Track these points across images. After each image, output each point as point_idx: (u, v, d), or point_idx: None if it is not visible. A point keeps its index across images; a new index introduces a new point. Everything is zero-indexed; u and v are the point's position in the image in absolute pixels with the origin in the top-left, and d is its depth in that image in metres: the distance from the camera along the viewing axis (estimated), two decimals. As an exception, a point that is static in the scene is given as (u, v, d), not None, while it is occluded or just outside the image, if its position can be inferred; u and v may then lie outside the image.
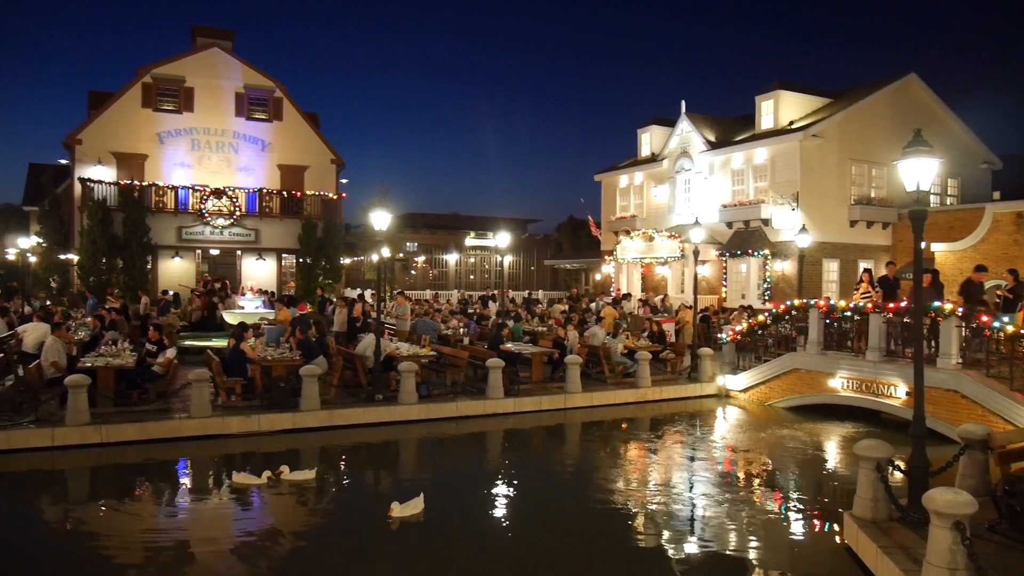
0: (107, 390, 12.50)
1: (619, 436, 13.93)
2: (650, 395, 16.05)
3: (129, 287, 25.82)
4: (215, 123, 30.07)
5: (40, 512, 9.38)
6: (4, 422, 11.49)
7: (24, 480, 10.50)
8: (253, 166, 30.66)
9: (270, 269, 30.63)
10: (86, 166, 27.79)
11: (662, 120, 34.45)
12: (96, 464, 11.10)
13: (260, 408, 12.88)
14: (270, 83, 31.02)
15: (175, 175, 29.12)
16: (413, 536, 8.23)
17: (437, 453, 12.74)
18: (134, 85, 29.10)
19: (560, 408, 14.95)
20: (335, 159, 32.20)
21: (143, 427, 11.85)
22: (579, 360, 15.52)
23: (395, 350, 14.89)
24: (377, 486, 10.71)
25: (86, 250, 25.90)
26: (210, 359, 13.68)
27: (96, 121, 28.60)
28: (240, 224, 28.72)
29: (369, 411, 13.40)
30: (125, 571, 7.31)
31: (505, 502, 9.69)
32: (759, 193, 27.21)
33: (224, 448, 11.81)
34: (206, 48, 30.11)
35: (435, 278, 59.17)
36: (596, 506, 9.44)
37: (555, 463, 12.22)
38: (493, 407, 14.27)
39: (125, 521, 8.84)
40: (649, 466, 11.71)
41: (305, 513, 9.18)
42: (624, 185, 35.27)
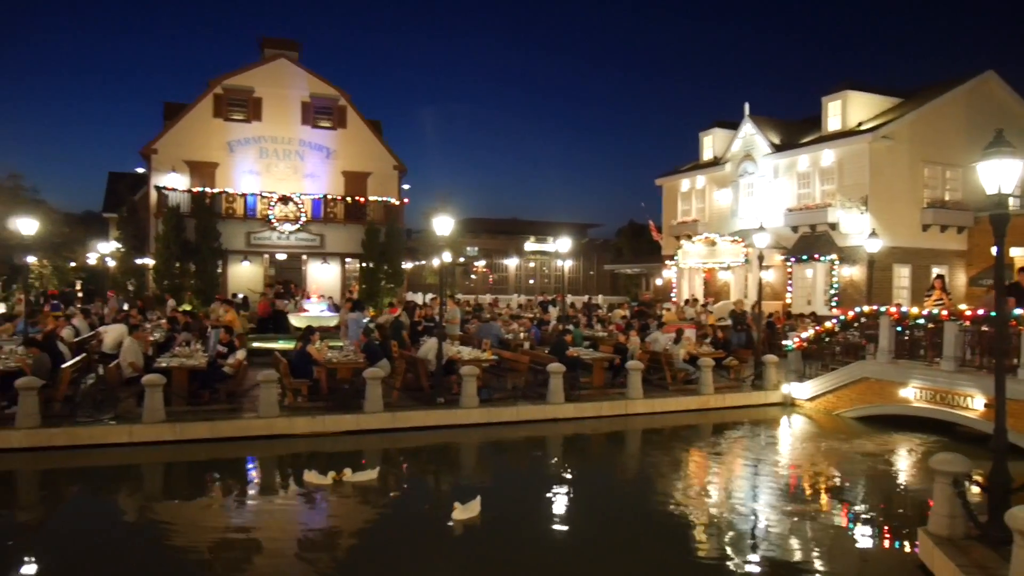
0: (181, 389, 12.95)
1: (681, 443, 13.75)
2: (712, 402, 15.81)
3: (200, 291, 26.70)
4: (282, 132, 30.88)
5: (118, 505, 9.76)
6: (86, 418, 12.02)
7: (104, 474, 10.96)
8: (318, 173, 31.36)
9: (334, 273, 31.27)
10: (161, 174, 28.87)
11: (724, 123, 33.99)
12: (170, 460, 11.49)
13: (325, 409, 13.14)
14: (334, 92, 31.69)
15: (244, 182, 29.99)
16: (470, 539, 8.27)
17: (497, 457, 12.80)
18: (206, 96, 30.12)
19: (621, 414, 14.84)
20: (397, 165, 32.69)
21: (214, 426, 12.23)
22: (640, 366, 15.40)
23: (456, 354, 15.02)
24: (437, 488, 10.81)
25: (161, 255, 26.89)
26: (277, 361, 14.03)
27: (171, 131, 29.69)
28: (306, 229, 29.42)
29: (430, 414, 13.55)
30: (194, 564, 7.55)
31: (563, 508, 9.67)
32: (826, 196, 26.59)
33: (290, 448, 12.09)
34: (274, 59, 30.97)
35: (495, 283, 59.41)
36: (656, 514, 9.34)
37: (615, 470, 12.14)
38: (553, 412, 14.27)
39: (196, 516, 9.13)
40: (711, 475, 11.53)
41: (367, 513, 9.32)
42: (686, 189, 34.88)
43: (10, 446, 11.14)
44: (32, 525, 8.97)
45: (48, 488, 10.72)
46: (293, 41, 32.10)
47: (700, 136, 35.18)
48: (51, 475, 10.95)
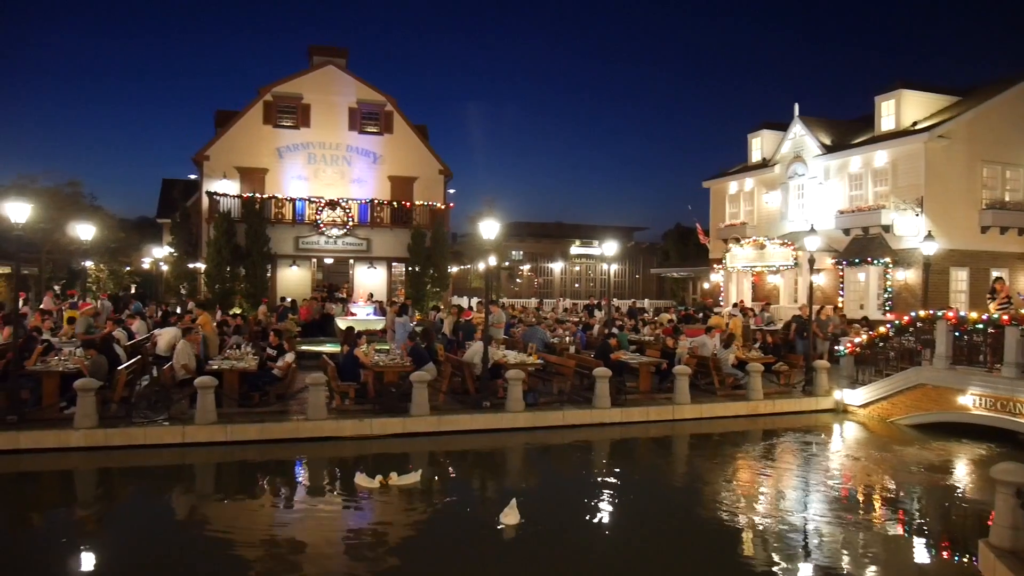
0: (232, 391, 13.19)
1: (729, 450, 13.52)
2: (762, 408, 15.53)
3: (250, 294, 27.19)
4: (330, 137, 31.32)
5: (171, 504, 9.97)
6: (142, 419, 12.33)
7: (158, 474, 11.22)
8: (365, 178, 31.71)
9: (381, 277, 31.56)
10: (213, 180, 29.51)
11: (773, 124, 33.44)
12: (221, 461, 11.71)
13: (372, 412, 13.25)
14: (381, 98, 32.03)
15: (293, 187, 30.49)
16: (515, 543, 8.25)
17: (542, 461, 12.75)
18: (256, 103, 30.71)
19: (668, 419, 14.67)
20: (443, 170, 32.88)
21: (264, 427, 12.43)
22: (688, 371, 15.21)
23: (502, 358, 15.02)
24: (483, 492, 10.81)
25: (212, 259, 27.46)
26: (325, 364, 14.21)
27: (222, 138, 30.34)
28: (353, 234, 29.76)
29: (476, 418, 13.56)
30: (243, 563, 7.65)
31: (609, 513, 9.58)
32: (879, 198, 25.93)
33: (338, 450, 12.21)
34: (322, 66, 31.41)
35: (540, 286, 59.37)
36: (704, 522, 9.20)
37: (662, 476, 12.00)
38: (600, 417, 14.17)
39: (245, 516, 9.28)
40: (761, 482, 11.31)
41: (413, 516, 9.35)
42: (734, 191, 34.40)
43: (69, 445, 11.48)
44: (90, 523, 9.22)
45: (105, 487, 11.02)
46: (341, 48, 32.53)
47: (748, 138, 34.67)
48: (108, 474, 11.26)
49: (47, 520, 9.32)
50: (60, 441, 11.50)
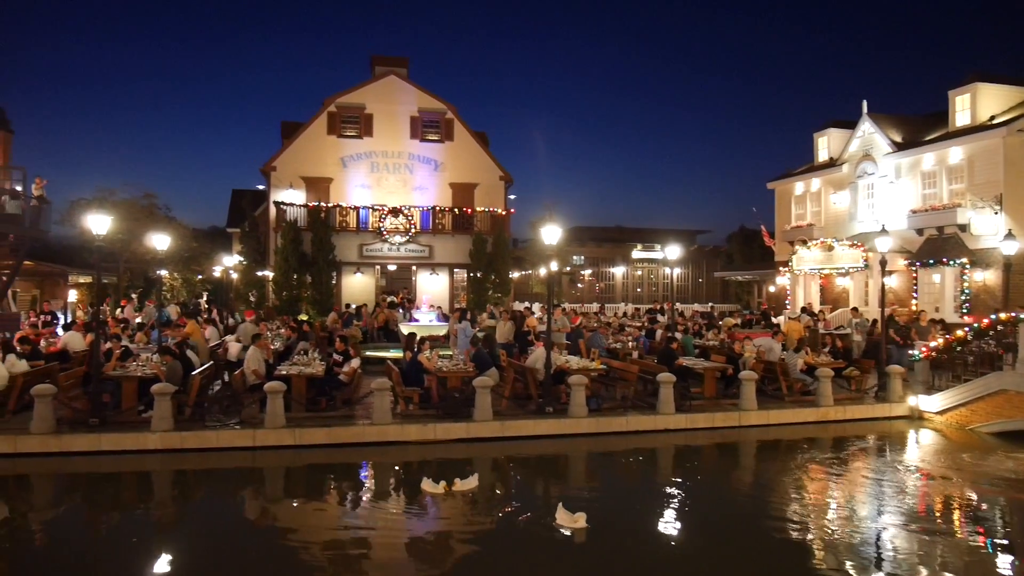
0: (299, 396, 13.48)
1: (798, 457, 13.17)
2: (832, 415, 15.09)
3: (316, 301, 27.77)
4: (392, 146, 31.81)
5: (242, 506, 10.24)
6: (214, 423, 12.71)
7: (230, 476, 11.54)
8: (427, 185, 32.09)
9: (443, 284, 31.87)
10: (280, 190, 30.29)
11: (840, 123, 32.59)
12: (290, 464, 11.96)
13: (436, 417, 13.37)
14: (442, 106, 32.38)
15: (356, 196, 31.06)
16: (576, 549, 8.20)
17: (606, 467, 12.65)
18: (320, 114, 31.42)
19: (734, 426, 14.39)
20: (503, 176, 33.03)
21: (331, 432, 12.66)
22: (754, 376, 14.89)
23: (565, 363, 14.97)
24: (546, 497, 10.78)
25: (279, 267, 28.17)
26: (390, 369, 14.40)
27: (288, 149, 31.13)
28: (415, 241, 30.14)
29: (539, 423, 13.55)
30: (310, 564, 7.81)
31: (673, 521, 9.45)
32: (954, 196, 24.99)
33: (402, 455, 12.35)
34: (384, 76, 31.95)
35: (602, 291, 59.02)
36: (771, 531, 8.97)
37: (727, 483, 11.77)
38: (664, 423, 13.99)
39: (313, 518, 9.47)
40: (831, 491, 10.97)
41: (476, 521, 9.38)
42: (800, 192, 33.63)
43: (147, 448, 11.91)
44: (166, 523, 9.53)
45: (180, 488, 11.38)
46: (402, 58, 33.03)
47: (814, 137, 33.86)
48: (182, 476, 11.63)
49: (125, 519, 9.67)
50: (138, 443, 11.94)
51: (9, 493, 10.73)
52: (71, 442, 11.82)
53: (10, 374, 13.10)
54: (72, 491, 11.03)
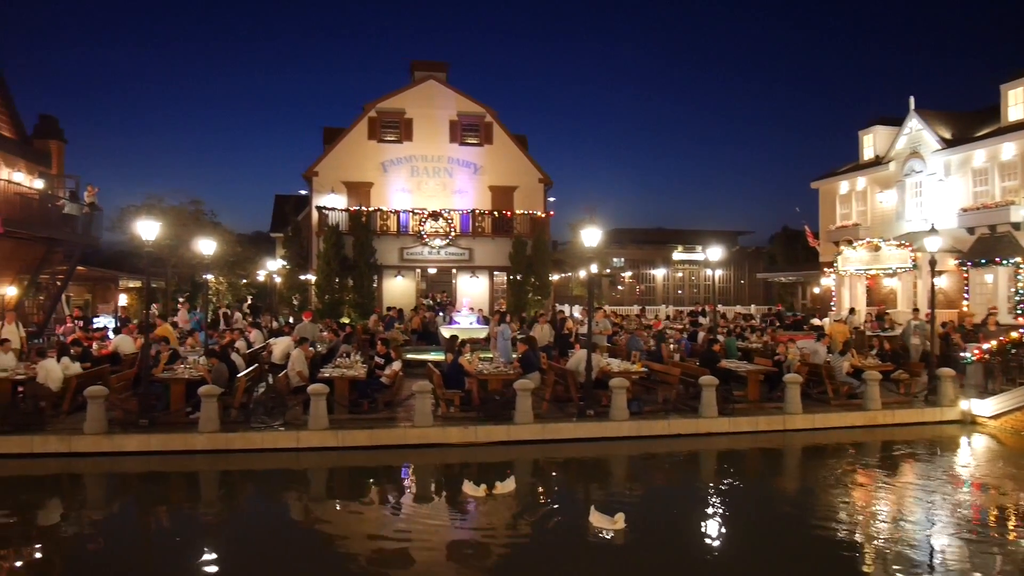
0: (342, 399, 13.63)
1: (845, 462, 12.91)
2: (880, 419, 14.75)
3: (358, 304, 28.04)
4: (432, 150, 32.01)
5: (286, 506, 10.37)
6: (259, 424, 12.92)
7: (274, 476, 11.70)
8: (466, 188, 32.21)
9: (483, 286, 31.94)
10: (322, 195, 30.68)
11: (886, 120, 31.91)
12: (333, 465, 12.10)
13: (477, 420, 13.40)
14: (481, 109, 32.49)
15: (397, 200, 31.31)
16: (614, 553, 8.14)
17: (647, 470, 12.55)
18: (361, 120, 31.76)
19: (778, 430, 14.16)
20: (543, 178, 33.01)
21: (373, 434, 12.77)
22: (799, 379, 14.64)
23: (606, 366, 14.90)
24: (586, 500, 10.72)
25: (322, 271, 28.52)
26: (431, 372, 14.48)
27: (330, 155, 31.52)
28: (455, 244, 30.28)
29: (580, 426, 13.50)
30: (353, 565, 7.89)
31: (716, 526, 9.33)
32: (1007, 194, 24.28)
33: (443, 457, 12.40)
34: (423, 80, 32.17)
35: (642, 293, 58.62)
36: (817, 538, 8.78)
37: (771, 488, 11.58)
38: (706, 426, 13.83)
39: (356, 519, 9.56)
40: (880, 498, 10.71)
41: (515, 524, 9.37)
42: (844, 191, 33.01)
43: (194, 448, 12.15)
44: (212, 522, 9.71)
45: (226, 488, 11.58)
46: (441, 63, 33.22)
47: (859, 135, 33.21)
48: (228, 476, 11.83)
49: (174, 518, 9.87)
50: (186, 444, 12.19)
51: (64, 491, 11.05)
52: (122, 442, 12.11)
53: (64, 376, 13.48)
54: (123, 490, 11.31)
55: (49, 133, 26.97)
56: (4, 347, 14.55)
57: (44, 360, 13.66)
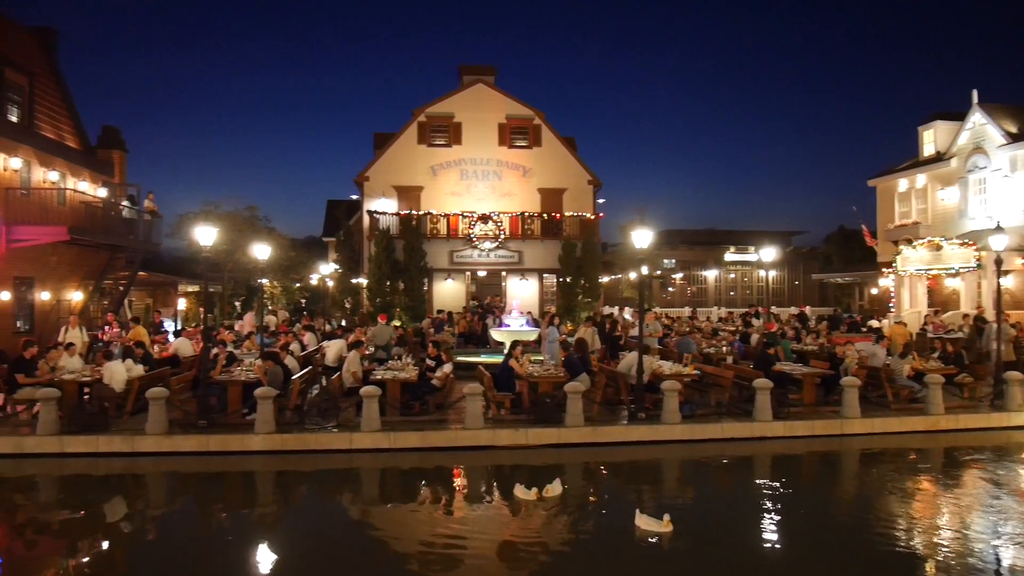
0: (394, 401, 13.77)
1: (905, 468, 12.54)
2: (943, 424, 14.28)
3: (408, 307, 28.31)
4: (481, 153, 32.16)
5: (339, 507, 10.51)
6: (313, 425, 13.13)
7: (328, 477, 11.87)
8: (515, 191, 32.29)
9: (533, 289, 31.96)
10: (373, 200, 31.09)
11: (947, 115, 30.97)
12: (385, 466, 12.22)
13: (527, 422, 13.39)
14: (530, 112, 32.54)
15: (446, 203, 31.54)
16: (662, 556, 8.05)
17: (699, 475, 12.37)
18: (411, 125, 32.11)
19: (836, 434, 13.81)
20: (592, 180, 32.90)
21: (424, 436, 12.87)
22: (857, 382, 14.26)
23: (658, 368, 14.75)
24: (638, 503, 10.62)
25: (373, 274, 28.88)
26: (482, 374, 14.53)
27: (380, 160, 31.93)
28: (504, 246, 30.36)
29: (631, 429, 13.39)
30: (404, 566, 7.93)
31: (770, 532, 9.13)
32: (1078, 190, 23.35)
33: (494, 459, 12.42)
34: (471, 84, 32.37)
35: (693, 295, 57.94)
36: (875, 548, 8.47)
37: (827, 494, 11.29)
38: (761, 430, 13.58)
39: (407, 520, 9.63)
40: (942, 506, 10.35)
41: (566, 527, 9.31)
42: (903, 189, 32.13)
43: (251, 449, 12.41)
44: (269, 522, 9.89)
45: (282, 488, 11.78)
46: (489, 66, 33.37)
47: (918, 130, 32.28)
48: (284, 476, 12.03)
49: (231, 517, 10.08)
50: (243, 445, 12.45)
51: (127, 490, 11.39)
52: (182, 442, 12.44)
53: (128, 378, 13.90)
54: (183, 489, 11.60)
55: (111, 143, 27.90)
56: (71, 350, 15.09)
57: (109, 362, 14.10)
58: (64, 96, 26.03)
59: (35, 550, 8.88)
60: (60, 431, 12.45)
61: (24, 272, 21.54)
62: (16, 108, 22.22)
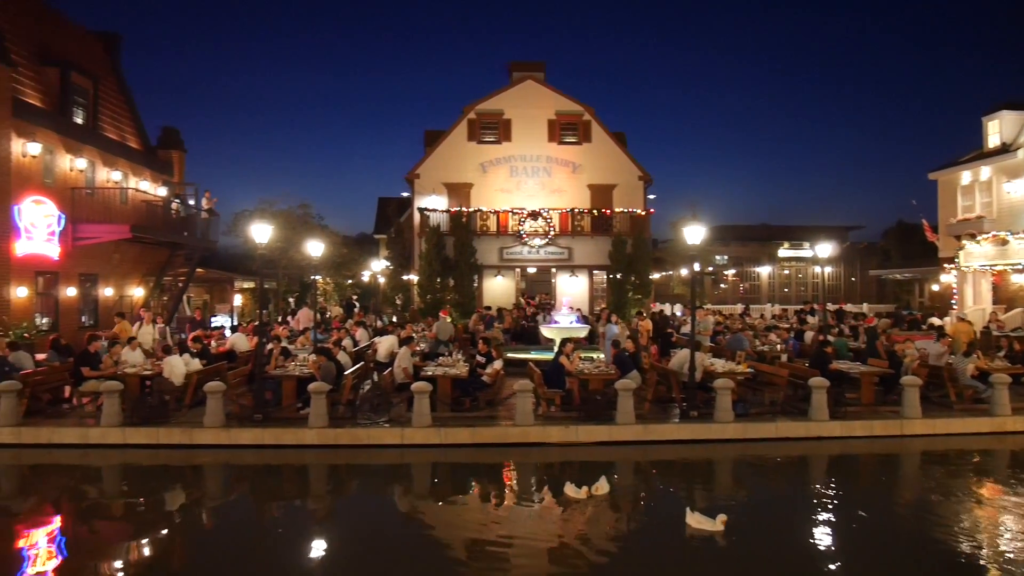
0: (445, 397, 13.85)
1: (969, 471, 12.14)
2: (1009, 425, 13.76)
3: (458, 304, 28.45)
4: (530, 150, 32.13)
5: (391, 501, 10.63)
6: (365, 420, 13.29)
7: (379, 471, 12.02)
8: (565, 187, 32.17)
9: (583, 286, 31.82)
10: (423, 197, 31.32)
11: (1013, 104, 29.84)
12: (435, 462, 12.29)
13: (577, 419, 13.34)
14: (579, 108, 32.38)
15: (496, 200, 31.59)
16: (714, 556, 7.92)
17: (754, 474, 12.16)
18: (461, 122, 32.24)
19: (895, 435, 13.43)
20: (642, 176, 32.59)
21: (474, 432, 12.91)
22: (918, 381, 13.85)
23: (710, 366, 14.55)
24: (689, 502, 10.49)
25: (424, 271, 29.10)
26: (532, 371, 14.51)
27: (430, 157, 32.14)
28: (554, 243, 30.28)
29: (683, 427, 13.23)
30: (453, 561, 8.00)
31: (826, 534, 8.92)
32: None
33: (544, 456, 12.40)
34: (521, 81, 32.34)
35: (746, 291, 57.00)
36: (936, 554, 8.23)
37: (887, 496, 10.98)
38: (817, 430, 13.27)
39: (457, 515, 9.69)
40: (1008, 511, 9.96)
41: (616, 525, 9.27)
42: (967, 182, 31.06)
43: (304, 443, 12.62)
44: (321, 514, 10.05)
45: (334, 482, 11.96)
46: (538, 62, 33.31)
47: (983, 121, 31.16)
48: (336, 470, 12.21)
49: (285, 509, 10.27)
50: (297, 438, 12.67)
51: (186, 481, 11.70)
52: (238, 435, 12.72)
53: (186, 372, 14.27)
54: (238, 481, 11.86)
55: (171, 144, 28.66)
56: (132, 345, 15.54)
57: (168, 356, 14.49)
58: (126, 98, 26.85)
59: (99, 536, 9.18)
60: (123, 423, 12.85)
61: (89, 269, 22.28)
62: (82, 110, 22.99)
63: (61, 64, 22.11)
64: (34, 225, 19.34)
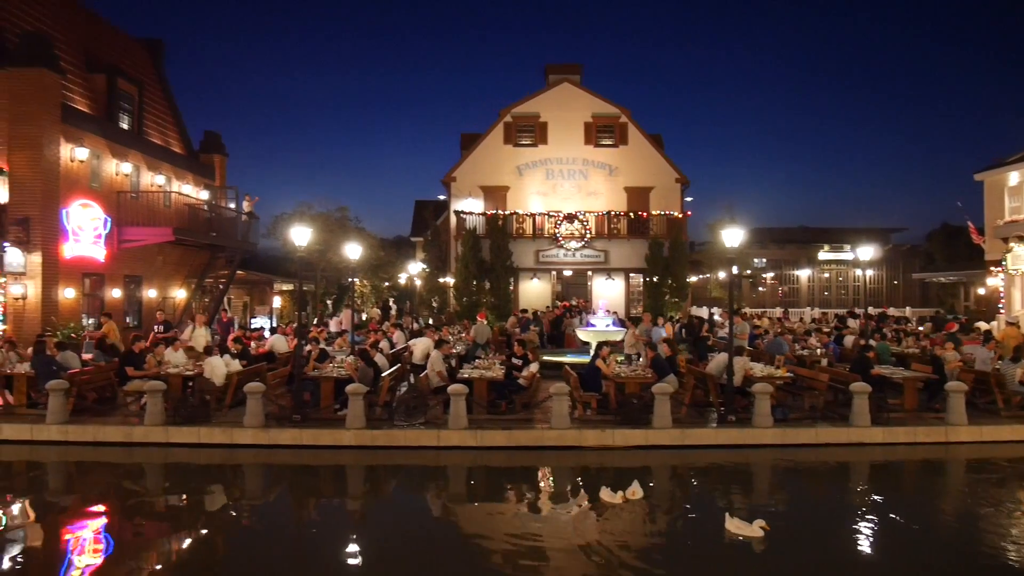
0: (481, 399, 13.88)
1: (1017, 480, 11.82)
2: (1061, 433, 13.38)
3: (494, 306, 28.53)
4: (567, 153, 32.12)
5: (427, 503, 10.67)
6: (402, 422, 13.38)
7: (416, 473, 12.08)
8: (601, 190, 32.09)
9: (619, 289, 31.70)
10: (459, 200, 31.49)
11: (1065, 104, 29.01)
12: (472, 464, 12.32)
13: (614, 423, 13.27)
14: (615, 110, 32.28)
15: (532, 203, 31.63)
16: (751, 562, 7.81)
17: (793, 480, 11.97)
18: (497, 125, 32.34)
19: (940, 442, 13.12)
20: (679, 178, 32.37)
21: (510, 434, 12.92)
22: (964, 387, 13.52)
23: (749, 370, 14.37)
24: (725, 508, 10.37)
25: (460, 274, 29.24)
26: (568, 374, 14.48)
27: (467, 160, 32.30)
28: (590, 246, 30.24)
29: (721, 432, 13.08)
30: (488, 564, 7.98)
31: (868, 542, 8.74)
32: None
33: (580, 459, 12.34)
34: (557, 84, 32.35)
35: (785, 295, 56.23)
36: (983, 564, 8.01)
37: (931, 505, 10.75)
38: (858, 436, 13.03)
39: (492, 518, 9.68)
40: (1064, 518, 9.71)
41: (653, 530, 9.21)
42: (1014, 183, 30.30)
43: (342, 444, 12.74)
44: (358, 515, 10.14)
45: (371, 483, 12.06)
46: (575, 65, 33.30)
47: (1032, 122, 30.43)
48: (373, 471, 12.31)
49: (322, 509, 10.40)
50: (334, 439, 12.80)
51: (227, 480, 11.90)
52: (277, 436, 12.89)
53: (227, 372, 14.51)
54: (277, 481, 12.02)
55: (213, 148, 29.18)
56: (175, 346, 15.85)
57: (210, 357, 14.75)
58: (170, 103, 27.42)
59: (142, 533, 9.37)
60: (166, 422, 13.11)
61: (133, 271, 22.78)
62: (127, 116, 23.54)
63: (107, 71, 22.68)
64: (81, 228, 19.83)
